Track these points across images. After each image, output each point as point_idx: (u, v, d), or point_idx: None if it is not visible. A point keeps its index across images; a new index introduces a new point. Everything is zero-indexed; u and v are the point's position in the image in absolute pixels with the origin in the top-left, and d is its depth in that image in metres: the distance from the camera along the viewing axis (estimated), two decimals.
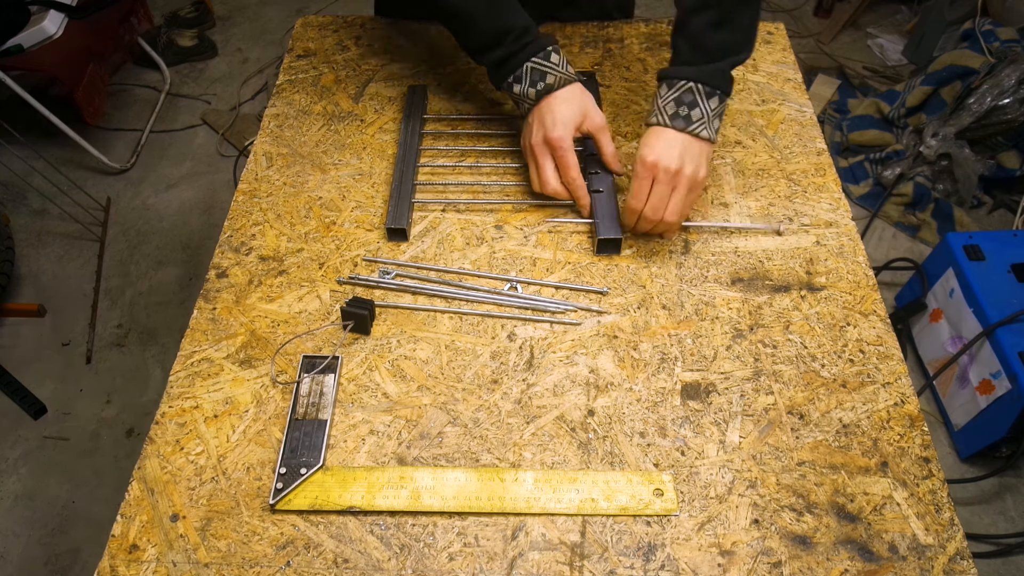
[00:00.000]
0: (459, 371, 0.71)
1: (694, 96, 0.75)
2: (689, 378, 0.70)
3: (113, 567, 0.59)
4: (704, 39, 0.75)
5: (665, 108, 0.75)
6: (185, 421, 0.67)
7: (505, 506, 0.62)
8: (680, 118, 0.75)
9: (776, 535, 0.61)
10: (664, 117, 0.75)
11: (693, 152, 0.75)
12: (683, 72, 0.75)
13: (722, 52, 0.76)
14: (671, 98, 0.75)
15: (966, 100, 1.92)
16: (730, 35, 0.76)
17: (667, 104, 0.75)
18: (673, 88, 0.75)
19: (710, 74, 0.75)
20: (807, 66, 2.42)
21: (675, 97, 0.75)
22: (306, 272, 0.79)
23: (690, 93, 0.75)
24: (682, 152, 0.74)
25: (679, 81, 0.75)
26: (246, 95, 2.39)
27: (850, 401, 0.69)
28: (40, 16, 1.79)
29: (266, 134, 0.93)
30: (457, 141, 0.92)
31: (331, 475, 0.63)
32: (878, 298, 0.76)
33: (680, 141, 0.75)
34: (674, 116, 0.75)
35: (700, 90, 0.75)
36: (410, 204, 0.83)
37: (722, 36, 0.75)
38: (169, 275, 1.92)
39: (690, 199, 0.77)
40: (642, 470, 0.64)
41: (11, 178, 2.02)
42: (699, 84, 0.75)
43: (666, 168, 0.74)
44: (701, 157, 0.76)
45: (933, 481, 0.64)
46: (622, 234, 0.79)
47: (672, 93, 0.75)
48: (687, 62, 0.75)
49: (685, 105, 0.75)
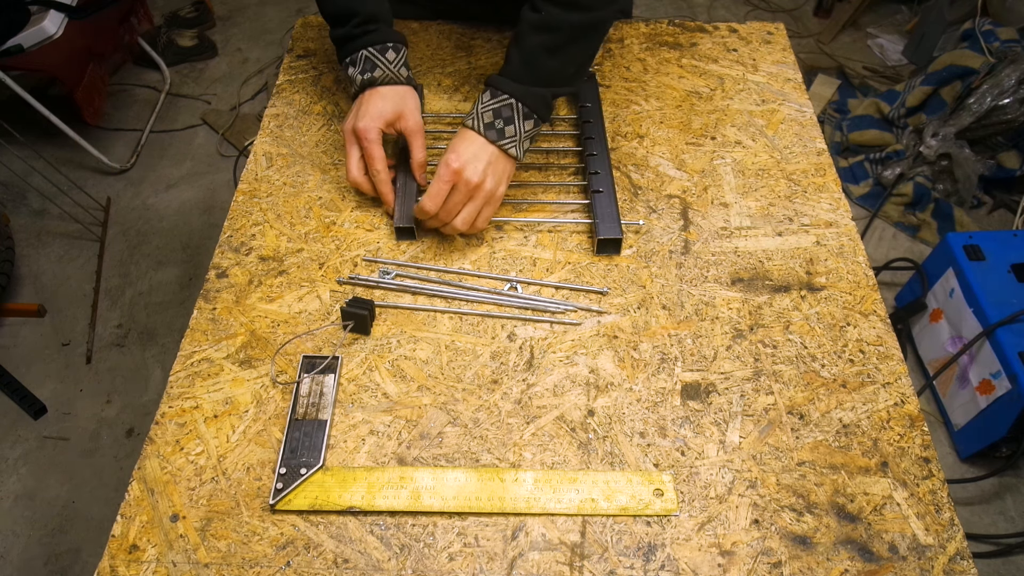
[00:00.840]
0: (459, 371, 0.71)
1: (512, 113, 0.76)
2: (689, 378, 0.70)
3: (113, 567, 0.59)
4: (536, 60, 0.76)
5: (483, 115, 0.76)
6: (185, 421, 0.67)
7: (505, 506, 0.62)
8: (494, 130, 0.76)
9: (776, 535, 0.61)
10: (480, 124, 0.76)
11: (498, 168, 0.77)
12: (509, 87, 0.76)
13: (551, 79, 0.77)
14: (491, 107, 0.76)
15: (966, 100, 1.92)
16: (560, 65, 0.77)
17: (486, 112, 0.76)
18: (495, 98, 0.76)
19: (533, 97, 0.76)
20: (807, 66, 2.42)
21: (495, 108, 0.76)
22: (306, 272, 0.79)
23: (509, 109, 0.76)
24: (487, 166, 0.75)
25: (502, 94, 0.76)
26: (246, 95, 2.39)
27: (850, 401, 0.69)
28: (40, 16, 1.79)
29: (266, 134, 0.93)
30: None
31: (331, 475, 0.63)
32: (878, 298, 0.76)
33: (488, 154, 0.76)
34: (489, 126, 0.76)
35: (519, 109, 0.76)
36: (416, 202, 0.83)
37: (554, 63, 0.77)
38: (169, 275, 1.92)
39: (485, 212, 0.78)
40: (642, 470, 0.64)
41: (11, 178, 2.02)
42: (520, 103, 0.76)
43: (467, 180, 0.75)
44: (503, 174, 0.78)
45: (933, 481, 0.64)
46: (622, 236, 0.79)
47: (493, 103, 0.76)
48: (515, 78, 0.76)
49: (502, 119, 0.76)
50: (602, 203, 0.81)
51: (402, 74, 0.82)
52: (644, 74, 1.00)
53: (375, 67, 0.81)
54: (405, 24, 1.07)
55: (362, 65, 0.81)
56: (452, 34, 1.05)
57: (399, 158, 0.86)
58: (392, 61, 0.81)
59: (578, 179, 0.87)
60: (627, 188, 0.86)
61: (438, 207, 0.76)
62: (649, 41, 1.05)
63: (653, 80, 0.99)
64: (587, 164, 0.85)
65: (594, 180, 0.83)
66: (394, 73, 0.81)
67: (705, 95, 0.97)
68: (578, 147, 0.90)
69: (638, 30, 1.06)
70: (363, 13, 0.81)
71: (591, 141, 0.87)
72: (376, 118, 0.80)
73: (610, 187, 0.83)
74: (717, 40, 1.05)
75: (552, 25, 0.74)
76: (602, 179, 0.83)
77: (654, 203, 0.85)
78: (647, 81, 0.99)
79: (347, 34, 0.82)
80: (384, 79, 0.81)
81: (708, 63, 1.02)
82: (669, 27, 1.07)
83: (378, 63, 0.81)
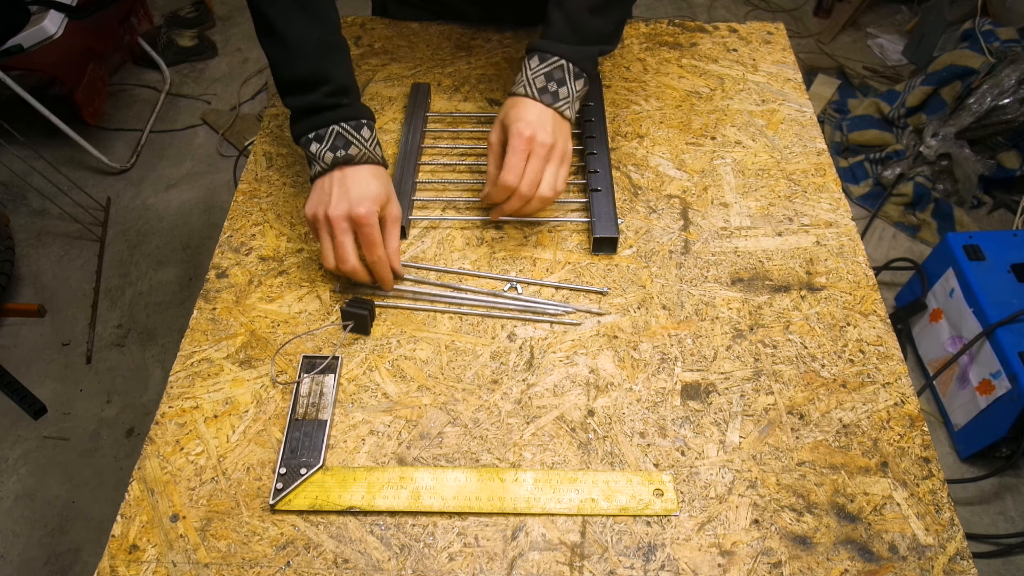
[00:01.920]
0: (459, 371, 0.71)
1: (563, 74, 0.75)
2: (689, 378, 0.70)
3: (113, 567, 0.59)
4: (581, 20, 0.75)
5: (535, 80, 0.75)
6: (185, 421, 0.67)
7: (505, 506, 0.62)
8: (548, 93, 0.75)
9: (776, 535, 0.61)
10: (533, 90, 0.75)
11: (561, 128, 0.76)
12: (557, 48, 0.75)
13: (596, 37, 0.77)
14: (542, 72, 0.75)
15: (966, 100, 1.92)
16: (604, 23, 0.77)
17: (537, 77, 0.75)
18: (545, 62, 0.75)
19: (582, 56, 0.75)
20: (807, 66, 2.42)
21: (546, 72, 0.75)
22: (306, 272, 0.79)
23: (560, 71, 0.75)
24: (554, 127, 0.74)
25: (552, 56, 0.75)
26: (246, 95, 2.39)
27: (850, 401, 0.69)
28: (40, 16, 1.79)
29: (266, 134, 0.93)
30: (458, 140, 0.92)
31: (331, 475, 0.63)
32: (878, 298, 0.76)
33: (550, 116, 0.75)
34: (543, 91, 0.75)
35: (570, 69, 0.75)
36: (410, 202, 0.83)
37: (598, 22, 0.76)
38: (169, 275, 1.92)
39: (562, 173, 0.76)
40: (642, 470, 0.64)
41: (11, 178, 2.02)
42: (571, 63, 0.75)
43: (543, 142, 0.73)
44: (567, 133, 0.77)
45: (933, 481, 0.64)
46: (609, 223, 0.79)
47: (543, 67, 0.75)
48: (561, 39, 0.76)
49: (555, 81, 0.75)
50: (600, 202, 0.81)
51: (377, 153, 0.75)
52: (644, 74, 1.00)
53: (350, 144, 0.73)
54: (405, 25, 1.07)
55: (332, 141, 0.73)
56: (452, 34, 1.05)
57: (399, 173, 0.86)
58: (367, 139, 0.74)
59: (578, 178, 0.87)
60: (627, 188, 0.86)
61: (519, 178, 0.73)
62: (649, 41, 1.05)
63: (653, 80, 0.99)
64: (587, 163, 0.85)
65: (593, 179, 0.83)
66: (370, 152, 0.74)
67: (705, 95, 0.97)
68: (579, 146, 0.90)
69: (638, 30, 1.06)
70: (334, 81, 0.74)
71: (592, 140, 0.87)
72: (374, 201, 0.72)
73: (609, 186, 0.83)
74: (717, 40, 1.05)
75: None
76: (601, 178, 0.83)
77: (654, 203, 0.85)
78: (647, 81, 0.99)
79: (315, 104, 0.74)
80: (361, 158, 0.73)
81: (708, 63, 1.02)
82: (669, 27, 1.07)
83: (354, 141, 0.73)
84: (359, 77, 1.00)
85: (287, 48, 0.74)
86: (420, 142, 0.89)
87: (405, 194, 0.82)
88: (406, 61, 1.02)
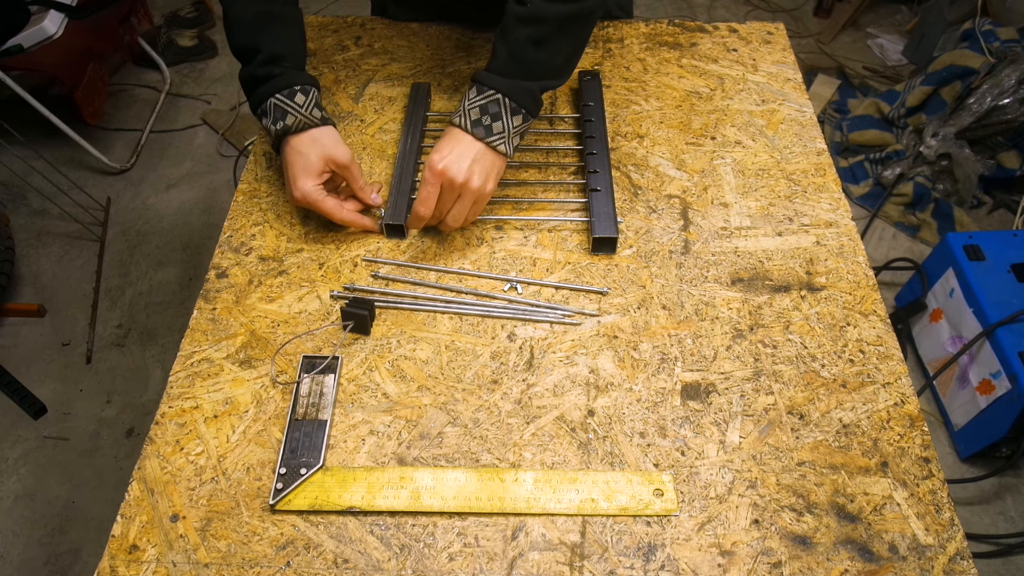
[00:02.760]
0: (459, 371, 0.71)
1: (499, 108, 0.74)
2: (689, 378, 0.70)
3: (113, 567, 0.59)
4: (524, 53, 0.74)
5: (470, 112, 0.75)
6: (185, 421, 0.67)
7: (505, 506, 0.62)
8: (482, 127, 0.74)
9: (776, 535, 0.61)
10: (467, 121, 0.74)
11: (484, 165, 0.75)
12: (495, 82, 0.74)
13: (539, 72, 0.76)
14: (477, 104, 0.74)
15: (966, 100, 1.92)
16: (548, 57, 0.76)
17: (472, 109, 0.75)
18: (482, 95, 0.74)
19: (520, 91, 0.75)
20: (807, 66, 2.42)
21: (481, 104, 0.74)
22: (306, 272, 0.79)
23: (496, 104, 0.74)
24: (472, 163, 0.74)
25: (489, 90, 0.74)
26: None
27: (850, 401, 0.69)
28: (40, 16, 1.79)
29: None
30: None
31: (331, 475, 0.63)
32: (878, 298, 0.76)
33: (474, 151, 0.74)
34: (476, 124, 0.74)
35: (507, 104, 0.74)
36: (409, 201, 0.83)
37: (540, 56, 0.75)
38: (169, 275, 1.92)
39: (474, 210, 0.77)
40: (642, 470, 0.64)
41: (11, 178, 2.02)
42: (507, 99, 0.74)
43: (451, 180, 0.73)
44: (492, 171, 0.76)
45: (933, 481, 0.64)
46: (615, 233, 0.79)
47: (479, 99, 0.74)
48: (502, 72, 0.75)
49: (489, 115, 0.74)
50: (599, 202, 0.81)
51: (315, 116, 0.77)
52: (644, 74, 1.00)
53: (286, 114, 0.76)
54: (405, 25, 1.07)
55: (273, 114, 0.77)
56: (452, 34, 1.05)
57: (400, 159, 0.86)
58: (303, 104, 0.77)
59: (578, 178, 0.87)
60: (627, 188, 0.86)
61: (430, 211, 0.75)
62: (649, 41, 1.05)
63: (653, 80, 0.99)
64: (587, 163, 0.85)
65: (592, 179, 0.83)
66: (307, 117, 0.77)
67: (705, 95, 0.97)
68: (579, 146, 0.90)
69: (638, 30, 1.06)
70: (266, 50, 0.77)
71: (592, 140, 0.87)
72: (309, 176, 0.76)
73: (608, 186, 0.83)
74: (717, 40, 1.05)
75: (538, 16, 0.73)
76: (600, 178, 0.83)
77: (654, 203, 0.85)
78: (647, 81, 0.99)
79: (252, 75, 0.78)
80: (298, 125, 0.76)
81: (708, 63, 1.02)
82: (669, 27, 1.07)
83: (288, 109, 0.76)
84: (359, 77, 1.00)
85: (228, 21, 0.79)
86: (420, 142, 0.89)
87: (404, 193, 0.82)
88: (406, 61, 1.02)
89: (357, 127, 0.94)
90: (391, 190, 0.83)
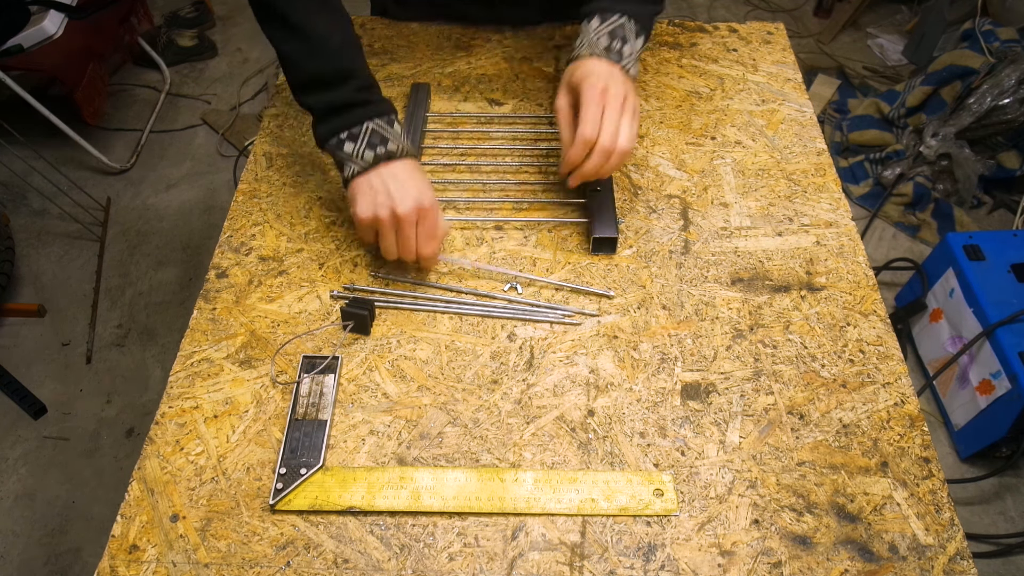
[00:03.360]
0: (459, 371, 0.71)
1: (625, 32, 0.76)
2: (689, 378, 0.70)
3: (113, 567, 0.59)
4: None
5: (598, 40, 0.75)
6: (185, 421, 0.67)
7: (505, 506, 0.62)
8: (614, 52, 0.75)
9: (776, 535, 0.61)
10: (598, 49, 0.75)
11: (629, 83, 0.76)
12: (619, 7, 0.76)
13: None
14: (605, 31, 0.76)
15: (966, 100, 1.92)
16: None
17: (600, 37, 0.75)
18: (606, 22, 0.76)
19: (642, 12, 0.77)
20: (807, 66, 2.42)
21: (609, 30, 0.76)
22: (306, 272, 0.79)
23: (622, 28, 0.76)
24: (623, 80, 0.75)
25: (614, 15, 0.76)
26: (246, 95, 2.39)
27: (850, 401, 0.69)
28: (40, 16, 1.79)
29: (266, 134, 0.93)
30: (458, 140, 0.92)
31: (331, 475, 0.63)
32: (878, 298, 0.76)
33: (618, 70, 0.75)
34: (608, 49, 0.75)
35: (631, 28, 0.76)
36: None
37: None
38: (169, 275, 1.92)
39: (635, 126, 0.75)
40: (642, 470, 0.64)
41: (11, 178, 2.02)
42: (632, 21, 0.76)
43: (616, 93, 0.73)
44: (635, 90, 0.77)
45: (933, 481, 0.64)
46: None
47: (605, 26, 0.76)
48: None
49: (619, 39, 0.75)
50: (599, 202, 0.81)
51: (411, 147, 0.74)
52: (644, 74, 1.00)
53: (387, 140, 0.72)
54: (405, 25, 1.07)
55: (368, 139, 0.71)
56: (452, 34, 1.05)
57: None
58: (400, 134, 0.74)
59: None
60: (627, 188, 0.86)
61: (597, 130, 0.72)
62: (649, 41, 1.05)
63: (653, 80, 0.99)
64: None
65: None
66: (406, 146, 0.73)
67: (705, 95, 0.97)
68: None
69: None
70: (362, 77, 0.73)
71: None
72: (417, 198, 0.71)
73: (608, 186, 0.83)
74: (717, 40, 1.05)
75: None
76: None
77: (654, 203, 0.85)
78: (647, 81, 0.99)
79: (345, 101, 0.72)
80: (400, 152, 0.72)
81: (708, 63, 1.02)
82: (669, 27, 1.07)
83: (389, 136, 0.72)
84: None
85: (309, 43, 0.72)
86: (420, 142, 0.89)
87: None
88: (406, 61, 1.02)
89: None
90: None
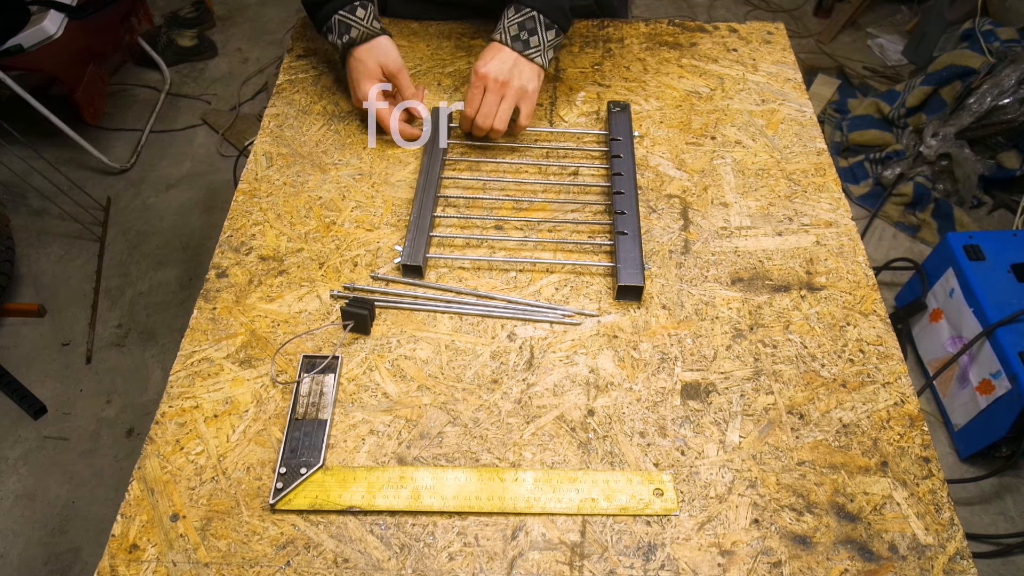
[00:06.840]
0: (459, 371, 0.71)
1: (535, 24, 0.84)
2: (689, 378, 0.70)
3: (113, 567, 0.59)
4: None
5: (509, 29, 0.84)
6: (185, 421, 0.67)
7: (505, 506, 0.62)
8: (520, 41, 0.84)
9: (776, 535, 0.61)
10: (506, 37, 0.84)
11: (524, 70, 0.84)
12: (530, 1, 0.83)
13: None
14: (515, 21, 0.84)
15: (966, 100, 1.92)
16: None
17: (511, 26, 0.84)
18: (519, 13, 0.84)
19: (553, 9, 0.84)
20: (807, 66, 2.42)
21: (519, 21, 0.84)
22: (306, 272, 0.79)
23: (532, 21, 0.83)
24: (512, 68, 0.83)
25: (525, 8, 0.84)
26: (246, 95, 2.39)
27: (850, 401, 0.69)
28: (40, 16, 1.79)
29: (266, 134, 0.93)
30: (477, 173, 0.88)
31: (331, 475, 0.63)
32: (878, 298, 0.76)
33: (514, 60, 0.84)
34: (515, 39, 0.84)
35: (541, 20, 0.84)
36: (428, 239, 0.78)
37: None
38: (169, 275, 1.92)
39: (524, 108, 0.85)
40: (642, 470, 0.64)
41: (11, 178, 2.02)
42: (541, 15, 0.83)
43: (495, 79, 0.83)
44: (532, 75, 0.85)
45: (933, 481, 0.64)
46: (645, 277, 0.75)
47: (517, 17, 0.84)
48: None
49: (526, 31, 0.84)
50: (626, 247, 0.77)
51: (375, 27, 0.87)
52: (644, 74, 1.00)
53: (350, 28, 0.86)
54: (405, 24, 1.07)
55: (338, 29, 0.86)
56: (452, 34, 1.05)
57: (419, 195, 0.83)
58: (363, 18, 0.86)
59: (604, 218, 0.83)
60: None
61: (474, 111, 0.84)
62: (649, 41, 1.05)
63: (653, 80, 0.99)
64: (613, 202, 0.81)
65: (620, 220, 0.79)
66: (368, 28, 0.87)
67: (705, 95, 0.97)
68: (606, 183, 0.85)
69: (638, 30, 1.06)
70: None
71: (619, 178, 0.83)
72: (369, 79, 0.87)
73: (636, 229, 0.78)
74: (717, 40, 1.05)
75: None
76: (628, 220, 0.79)
77: (654, 203, 0.85)
78: (647, 81, 0.99)
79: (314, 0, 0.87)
80: (361, 37, 0.86)
81: (708, 63, 1.02)
82: (669, 27, 1.07)
83: (352, 23, 0.86)
84: None
85: None
86: (440, 172, 0.85)
87: (423, 230, 0.78)
88: (406, 61, 1.01)
89: (357, 127, 0.94)
90: (409, 226, 0.79)
